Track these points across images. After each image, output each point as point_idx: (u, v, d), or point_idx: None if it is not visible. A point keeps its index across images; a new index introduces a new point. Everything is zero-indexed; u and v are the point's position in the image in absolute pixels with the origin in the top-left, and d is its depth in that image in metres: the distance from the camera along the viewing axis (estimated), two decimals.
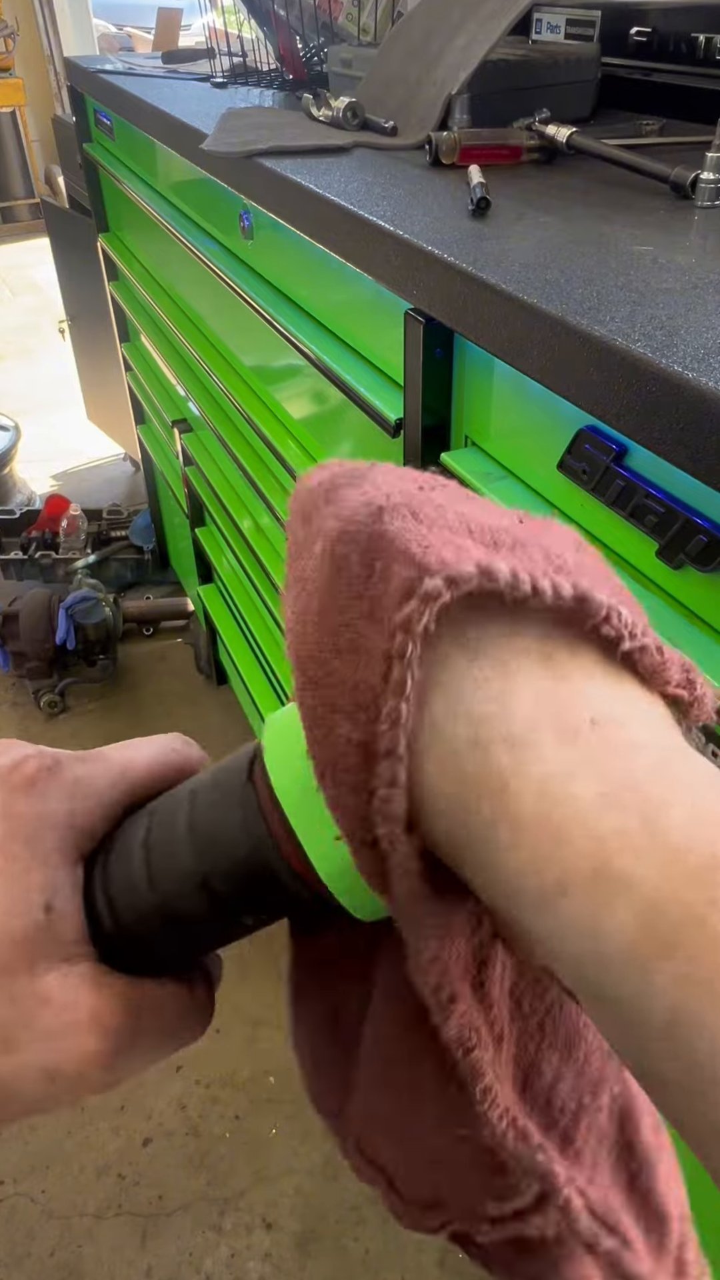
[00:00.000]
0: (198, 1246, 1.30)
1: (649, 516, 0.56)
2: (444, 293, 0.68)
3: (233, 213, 1.19)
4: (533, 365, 0.60)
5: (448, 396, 0.77)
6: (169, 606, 2.38)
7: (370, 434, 0.92)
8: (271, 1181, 1.37)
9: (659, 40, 1.10)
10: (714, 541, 0.52)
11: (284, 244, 1.06)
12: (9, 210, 5.87)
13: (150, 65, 1.72)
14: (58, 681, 2.16)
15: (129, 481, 3.08)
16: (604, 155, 0.86)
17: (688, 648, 0.54)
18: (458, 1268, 1.27)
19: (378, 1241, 1.30)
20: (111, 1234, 1.31)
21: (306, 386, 1.12)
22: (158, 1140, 1.42)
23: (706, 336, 0.52)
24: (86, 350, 2.77)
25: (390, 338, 0.83)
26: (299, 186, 0.88)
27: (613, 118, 1.13)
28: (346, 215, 0.80)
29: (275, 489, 1.24)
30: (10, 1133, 1.42)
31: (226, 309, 1.35)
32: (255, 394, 1.27)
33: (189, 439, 1.68)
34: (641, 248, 0.68)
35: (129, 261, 1.87)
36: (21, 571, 2.44)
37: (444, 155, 0.91)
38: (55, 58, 5.49)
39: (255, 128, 1.06)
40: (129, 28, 6.15)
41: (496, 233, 0.72)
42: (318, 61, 1.36)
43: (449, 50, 0.99)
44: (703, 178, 0.77)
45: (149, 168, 1.60)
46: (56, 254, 2.67)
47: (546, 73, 1.05)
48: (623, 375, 0.52)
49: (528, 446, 0.69)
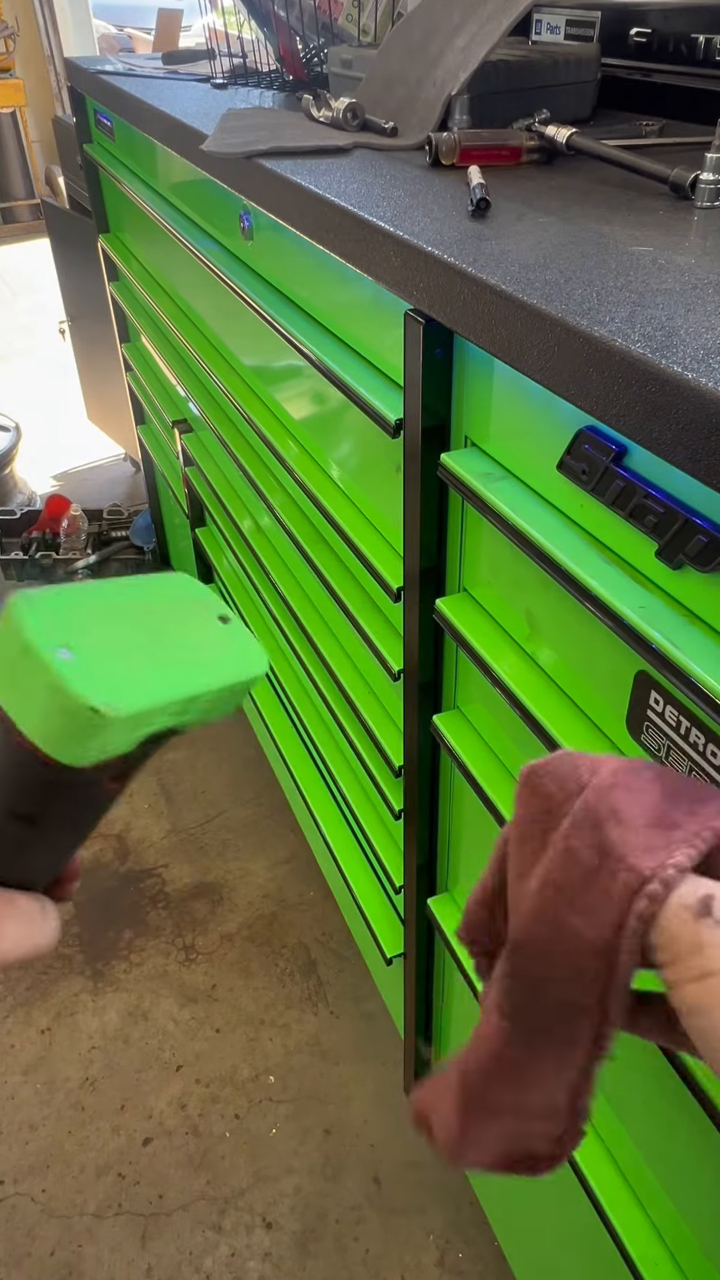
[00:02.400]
0: (198, 1246, 1.30)
1: (649, 517, 0.56)
2: (444, 293, 0.68)
3: (233, 213, 1.19)
4: (533, 365, 0.60)
5: (448, 397, 0.77)
6: None
7: (370, 434, 0.92)
8: (271, 1181, 1.37)
9: (659, 41, 1.10)
10: (714, 541, 0.52)
11: (284, 244, 1.06)
12: (9, 211, 5.88)
13: (150, 66, 1.73)
14: None
15: (129, 482, 3.08)
16: (604, 156, 0.86)
17: (688, 648, 0.54)
18: (458, 1268, 1.27)
19: (378, 1241, 1.30)
20: (111, 1234, 1.31)
21: (306, 387, 1.12)
22: (158, 1140, 1.42)
23: (706, 337, 0.52)
24: (86, 350, 2.77)
25: (390, 338, 0.83)
26: (299, 187, 0.88)
27: (613, 118, 1.13)
28: (346, 216, 0.80)
29: (275, 489, 1.24)
30: (10, 1133, 1.42)
31: (226, 309, 1.35)
32: (255, 394, 1.27)
33: (189, 439, 1.68)
34: (641, 248, 0.68)
35: (129, 262, 1.87)
36: (22, 572, 2.44)
37: (444, 156, 0.91)
38: (55, 58, 5.49)
39: (255, 128, 1.06)
40: (129, 28, 6.16)
41: (496, 233, 0.72)
42: (318, 62, 1.36)
43: (449, 51, 0.99)
44: (703, 178, 0.77)
45: (149, 168, 1.60)
46: (57, 254, 2.68)
47: (546, 73, 1.05)
48: (623, 375, 0.52)
49: (528, 447, 0.69)
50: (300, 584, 1.28)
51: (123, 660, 0.34)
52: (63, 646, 0.32)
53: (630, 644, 0.57)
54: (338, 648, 1.16)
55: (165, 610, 0.37)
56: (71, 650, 0.32)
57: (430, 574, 0.86)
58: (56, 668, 0.31)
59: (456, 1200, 1.34)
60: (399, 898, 1.17)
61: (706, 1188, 0.71)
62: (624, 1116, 0.80)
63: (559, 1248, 1.02)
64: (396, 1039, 1.50)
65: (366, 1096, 1.46)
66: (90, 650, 0.33)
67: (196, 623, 0.38)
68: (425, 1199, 1.34)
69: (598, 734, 0.68)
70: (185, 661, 0.36)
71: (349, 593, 1.05)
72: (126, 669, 0.33)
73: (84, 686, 0.31)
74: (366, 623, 1.00)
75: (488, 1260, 1.28)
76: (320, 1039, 1.54)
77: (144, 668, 0.34)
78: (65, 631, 0.33)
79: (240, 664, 0.37)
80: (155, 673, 0.34)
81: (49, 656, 0.32)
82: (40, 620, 0.33)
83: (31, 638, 0.32)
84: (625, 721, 0.64)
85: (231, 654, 0.37)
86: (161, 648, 0.36)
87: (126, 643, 0.35)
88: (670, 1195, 0.76)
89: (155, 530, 2.47)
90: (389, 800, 1.05)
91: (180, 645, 0.36)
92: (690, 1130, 0.69)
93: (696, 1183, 0.72)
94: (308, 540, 1.13)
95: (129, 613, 0.36)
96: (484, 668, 0.76)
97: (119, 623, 0.36)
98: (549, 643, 0.73)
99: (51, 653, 0.32)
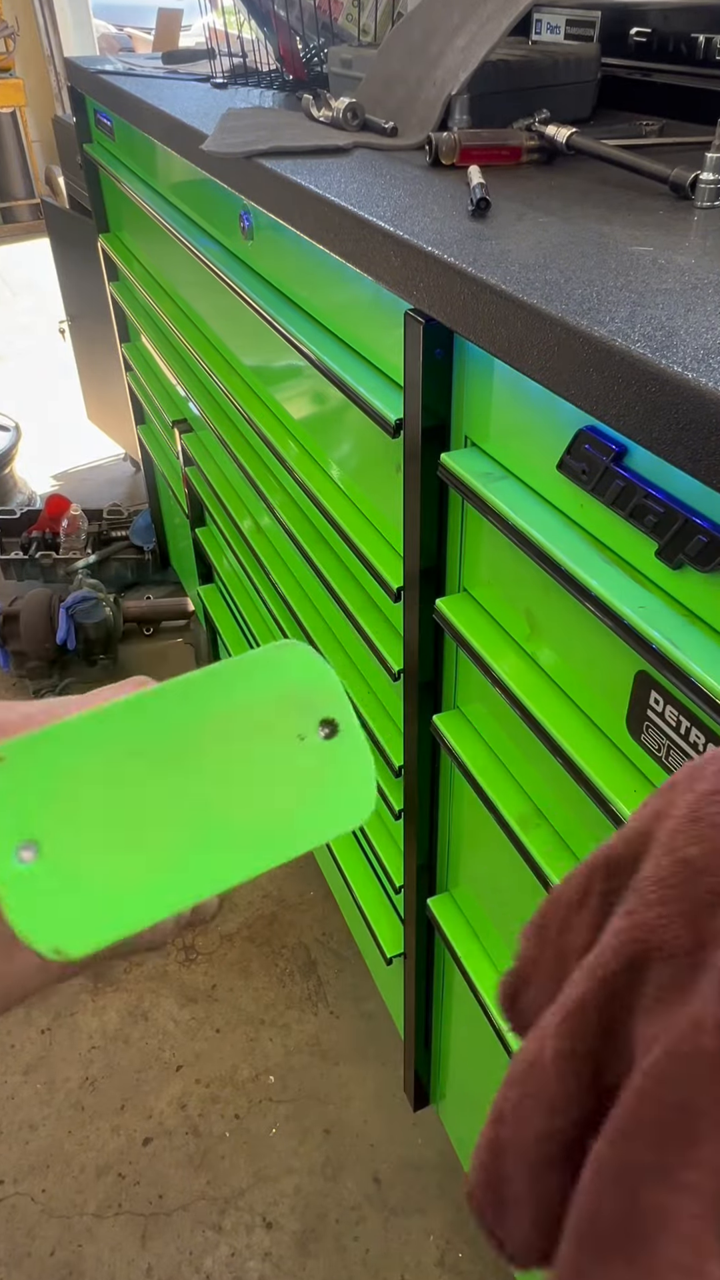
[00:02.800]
0: (198, 1246, 1.30)
1: (649, 516, 0.56)
2: (444, 293, 0.68)
3: (233, 213, 1.19)
4: (533, 365, 0.60)
5: (448, 396, 0.77)
6: (169, 606, 2.38)
7: (370, 434, 0.92)
8: (271, 1181, 1.37)
9: (659, 40, 1.10)
10: (714, 541, 0.52)
11: (284, 244, 1.06)
12: (9, 210, 5.87)
13: (150, 66, 1.72)
14: (58, 681, 2.16)
15: (129, 481, 3.08)
16: (604, 156, 0.86)
17: (688, 648, 0.54)
18: (458, 1268, 1.27)
19: (378, 1241, 1.30)
20: (111, 1234, 1.31)
21: (306, 387, 1.12)
22: (158, 1140, 1.42)
23: (706, 337, 0.52)
24: (86, 350, 2.77)
25: (390, 338, 0.83)
26: (299, 187, 0.88)
27: (613, 118, 1.13)
28: (346, 216, 0.80)
29: (275, 489, 1.24)
30: (10, 1133, 1.42)
31: (226, 309, 1.35)
32: (255, 394, 1.27)
33: (189, 439, 1.68)
34: (641, 248, 0.68)
35: (129, 262, 1.87)
36: (22, 571, 2.44)
37: (444, 156, 0.91)
38: (55, 58, 5.49)
39: (255, 128, 1.06)
40: (129, 28, 6.16)
41: (496, 233, 0.72)
42: (318, 62, 1.36)
43: (449, 51, 0.99)
44: (703, 178, 0.77)
45: (149, 168, 1.60)
46: (56, 254, 2.68)
47: (546, 73, 1.05)
48: (623, 375, 0.52)
49: (528, 446, 0.69)
50: (300, 584, 1.28)
51: (120, 851, 0.24)
52: (25, 841, 0.23)
53: (630, 644, 0.57)
54: (338, 648, 1.16)
55: (234, 727, 0.26)
56: (38, 844, 0.23)
57: (430, 574, 0.86)
58: (2, 879, 0.23)
59: (456, 1200, 1.34)
60: (399, 898, 1.17)
61: None
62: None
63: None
64: (396, 1039, 1.50)
65: (366, 1096, 1.46)
66: (66, 841, 0.24)
67: (283, 742, 0.26)
68: (425, 1199, 1.34)
69: (598, 734, 0.68)
70: (225, 836, 0.25)
71: (349, 593, 1.05)
72: (123, 866, 0.24)
73: (29, 914, 0.23)
74: (366, 623, 1.00)
75: (488, 1260, 1.28)
76: (320, 1039, 1.54)
77: (155, 859, 0.24)
78: (41, 807, 0.24)
79: (319, 819, 0.26)
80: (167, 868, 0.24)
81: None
82: (6, 791, 0.24)
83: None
84: (625, 721, 0.64)
85: (315, 798, 0.26)
86: (197, 809, 0.25)
87: (142, 815, 0.25)
88: None
89: (155, 530, 2.47)
90: (389, 800, 1.05)
91: (233, 800, 0.25)
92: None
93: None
94: (308, 540, 1.13)
95: (169, 753, 0.25)
96: (484, 668, 0.76)
97: (145, 779, 0.25)
98: (549, 643, 0.73)
99: (5, 853, 0.23)
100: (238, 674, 0.26)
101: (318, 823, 0.26)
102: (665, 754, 0.60)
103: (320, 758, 0.26)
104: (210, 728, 0.25)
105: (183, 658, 2.32)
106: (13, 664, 2.17)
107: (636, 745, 0.64)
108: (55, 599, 2.16)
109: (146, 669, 2.29)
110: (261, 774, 0.26)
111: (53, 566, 2.41)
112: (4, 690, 2.23)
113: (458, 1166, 1.35)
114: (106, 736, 0.25)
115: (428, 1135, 1.41)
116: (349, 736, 0.27)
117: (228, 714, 0.26)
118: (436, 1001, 1.21)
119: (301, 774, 0.26)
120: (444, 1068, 1.27)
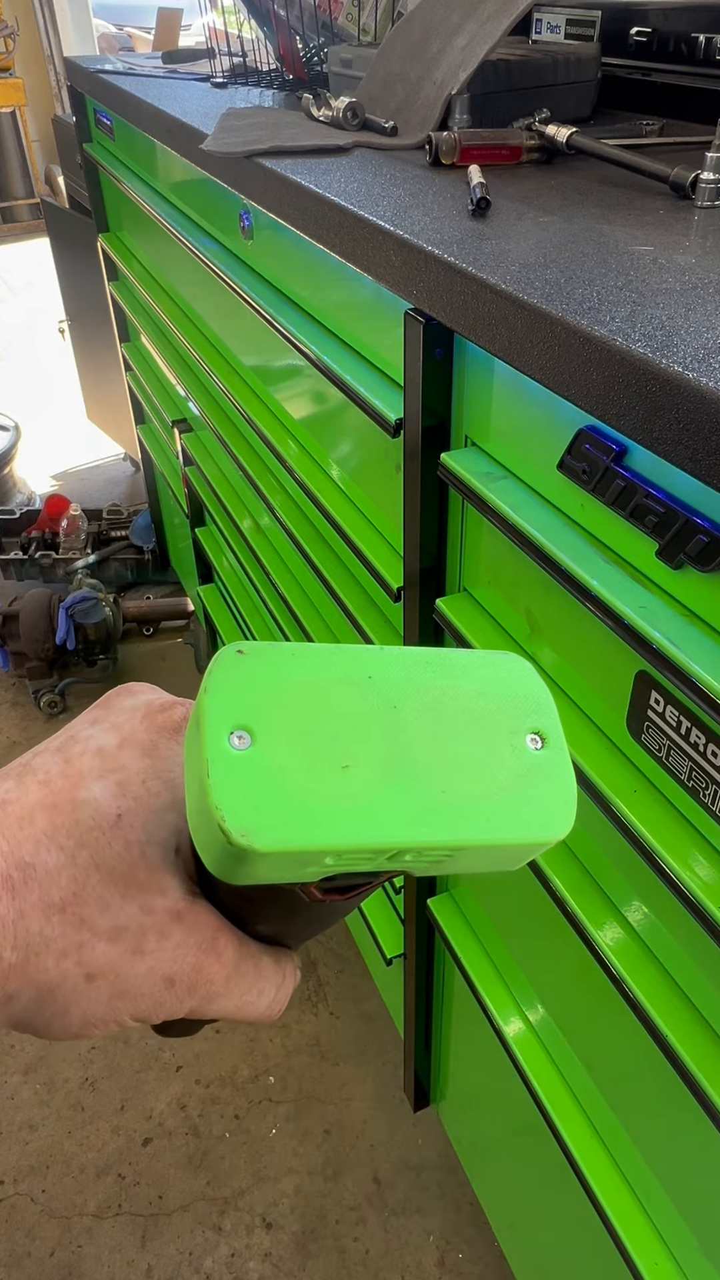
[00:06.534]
0: (198, 1246, 1.30)
1: (649, 516, 0.56)
2: (444, 293, 0.68)
3: (233, 213, 1.19)
4: (533, 365, 0.60)
5: (448, 396, 0.77)
6: (169, 606, 2.38)
7: (370, 434, 0.92)
8: (271, 1181, 1.37)
9: (659, 40, 1.10)
10: (714, 541, 0.52)
11: (284, 244, 1.06)
12: (9, 210, 5.87)
13: (150, 65, 1.72)
14: (58, 681, 2.16)
15: (129, 481, 3.08)
16: (604, 155, 0.86)
17: (688, 648, 0.54)
18: (458, 1268, 1.27)
19: (378, 1241, 1.30)
20: (111, 1234, 1.31)
21: (306, 386, 1.12)
22: (158, 1140, 1.42)
23: (706, 336, 0.52)
24: (86, 350, 2.77)
25: (390, 338, 0.83)
26: (299, 186, 0.88)
27: (613, 118, 1.13)
28: (346, 215, 0.80)
29: (275, 489, 1.24)
30: (10, 1133, 1.42)
31: (226, 309, 1.35)
32: (255, 394, 1.27)
33: (189, 439, 1.68)
34: (641, 248, 0.68)
35: (129, 261, 1.87)
36: (21, 571, 2.44)
37: (444, 155, 0.91)
38: (55, 58, 5.49)
39: (255, 128, 1.06)
40: (129, 28, 6.16)
41: (496, 233, 0.72)
42: (318, 61, 1.36)
43: (449, 50, 0.99)
44: (703, 178, 0.77)
45: (149, 168, 1.60)
46: (56, 254, 2.68)
47: (546, 73, 1.05)
48: (623, 375, 0.52)
49: (528, 446, 0.69)
50: (300, 584, 1.28)
51: (326, 767, 0.25)
52: (241, 728, 0.24)
53: (630, 644, 0.57)
54: None
55: (450, 705, 0.27)
56: (252, 735, 0.24)
57: (430, 574, 0.86)
58: (211, 755, 0.24)
59: (456, 1200, 1.34)
60: (399, 898, 1.17)
61: (706, 1188, 0.71)
62: (624, 1117, 0.80)
63: (559, 1248, 1.02)
64: (396, 1039, 1.50)
65: (366, 1097, 1.46)
66: (279, 741, 0.24)
67: (493, 737, 0.27)
68: (425, 1199, 1.34)
69: (598, 734, 0.68)
70: (423, 791, 0.25)
71: (349, 593, 1.05)
72: (324, 781, 0.24)
73: (229, 792, 0.23)
74: (366, 623, 1.00)
75: (488, 1260, 1.28)
76: (320, 1039, 1.54)
77: (354, 785, 0.25)
78: (265, 705, 0.25)
79: (518, 816, 0.26)
80: (363, 796, 0.25)
81: (212, 736, 0.24)
82: (235, 680, 0.25)
83: (208, 705, 0.24)
84: (625, 721, 0.64)
85: (517, 797, 0.26)
86: (402, 758, 0.25)
87: (352, 742, 0.25)
88: (670, 1195, 0.76)
89: (155, 530, 2.47)
90: None
91: (438, 763, 0.26)
92: (690, 1130, 0.69)
93: (696, 1183, 0.72)
94: (308, 540, 1.13)
95: (389, 700, 0.26)
96: None
97: (363, 713, 0.26)
98: (549, 643, 0.73)
99: (220, 732, 0.24)
100: (460, 662, 0.28)
101: (512, 820, 0.26)
102: (666, 754, 0.60)
103: (527, 763, 0.27)
104: (430, 697, 0.27)
105: (182, 658, 2.32)
106: (12, 664, 2.17)
107: (637, 745, 0.63)
108: (55, 599, 2.15)
109: (146, 669, 2.29)
110: (467, 754, 0.26)
111: (52, 566, 2.41)
112: (4, 690, 2.23)
113: (458, 1166, 1.35)
114: (338, 666, 0.26)
115: (428, 1135, 1.41)
116: (556, 752, 0.27)
117: (448, 691, 0.27)
118: (436, 1002, 1.21)
119: (506, 771, 0.27)
120: (444, 1068, 1.27)
